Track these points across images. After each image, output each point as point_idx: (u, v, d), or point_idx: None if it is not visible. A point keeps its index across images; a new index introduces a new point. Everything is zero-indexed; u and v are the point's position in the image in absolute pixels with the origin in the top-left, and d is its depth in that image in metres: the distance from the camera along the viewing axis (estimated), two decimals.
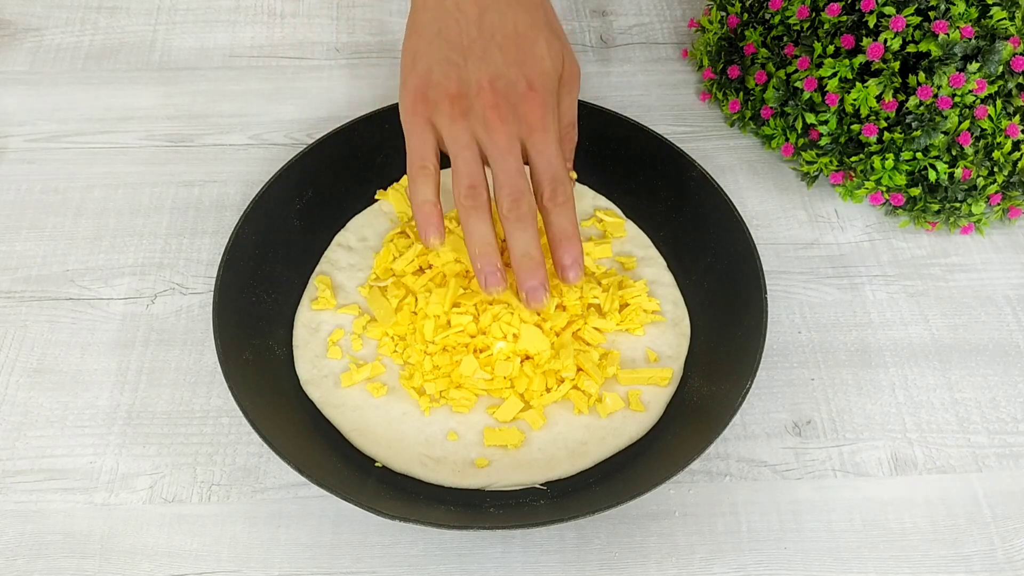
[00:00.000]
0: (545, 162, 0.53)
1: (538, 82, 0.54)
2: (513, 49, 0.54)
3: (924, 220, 0.69)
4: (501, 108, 0.53)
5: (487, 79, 0.53)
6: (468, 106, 0.53)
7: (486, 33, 0.54)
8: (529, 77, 0.54)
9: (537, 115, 0.53)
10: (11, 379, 0.61)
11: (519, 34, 0.55)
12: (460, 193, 0.53)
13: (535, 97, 0.53)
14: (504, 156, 0.53)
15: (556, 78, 0.55)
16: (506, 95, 0.53)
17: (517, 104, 0.53)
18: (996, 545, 0.55)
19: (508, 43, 0.54)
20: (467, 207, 0.53)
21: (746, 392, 0.53)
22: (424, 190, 0.53)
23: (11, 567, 0.53)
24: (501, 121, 0.53)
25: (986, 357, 0.63)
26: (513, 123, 0.53)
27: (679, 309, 0.63)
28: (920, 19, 0.64)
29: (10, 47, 0.81)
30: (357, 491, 0.52)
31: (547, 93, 0.54)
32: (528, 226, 0.53)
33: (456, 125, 0.53)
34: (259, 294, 0.61)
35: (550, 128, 0.54)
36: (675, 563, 0.54)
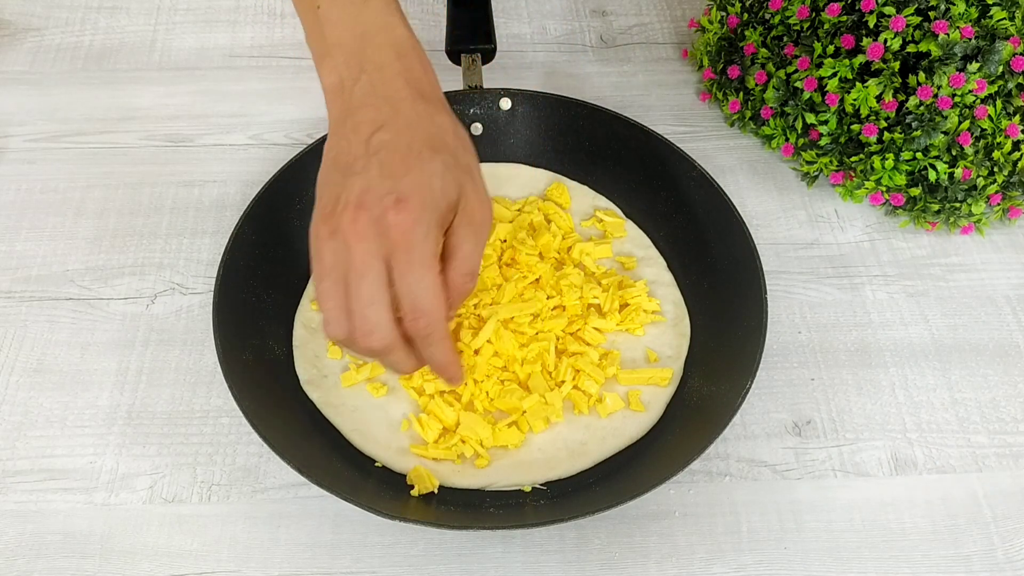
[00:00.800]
0: (404, 287, 0.47)
1: (411, 196, 0.47)
2: (396, 163, 0.48)
3: (924, 220, 0.69)
4: (360, 223, 0.46)
5: (357, 194, 0.47)
6: (335, 226, 0.47)
7: (371, 149, 0.49)
8: (401, 191, 0.47)
9: (400, 232, 0.46)
10: (11, 379, 0.61)
11: (409, 150, 0.49)
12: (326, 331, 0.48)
13: (401, 211, 0.46)
14: (359, 280, 0.46)
15: (443, 202, 0.48)
16: (370, 208, 0.46)
17: (379, 219, 0.46)
18: (996, 545, 0.55)
19: (393, 157, 0.48)
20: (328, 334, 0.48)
21: (746, 392, 0.53)
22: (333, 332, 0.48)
23: (11, 567, 0.53)
24: (360, 239, 0.46)
25: (986, 357, 0.63)
26: (374, 240, 0.46)
27: (679, 309, 0.63)
28: (920, 19, 0.64)
29: (10, 47, 0.81)
30: (357, 491, 0.52)
31: (421, 210, 0.47)
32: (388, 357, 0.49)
33: (325, 248, 0.47)
34: (259, 294, 0.61)
35: (415, 247, 0.46)
36: (675, 563, 0.54)
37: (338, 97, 0.51)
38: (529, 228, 0.65)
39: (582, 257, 0.64)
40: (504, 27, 0.84)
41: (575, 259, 0.64)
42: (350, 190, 0.48)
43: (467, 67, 0.70)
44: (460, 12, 0.74)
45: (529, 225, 0.65)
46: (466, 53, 0.71)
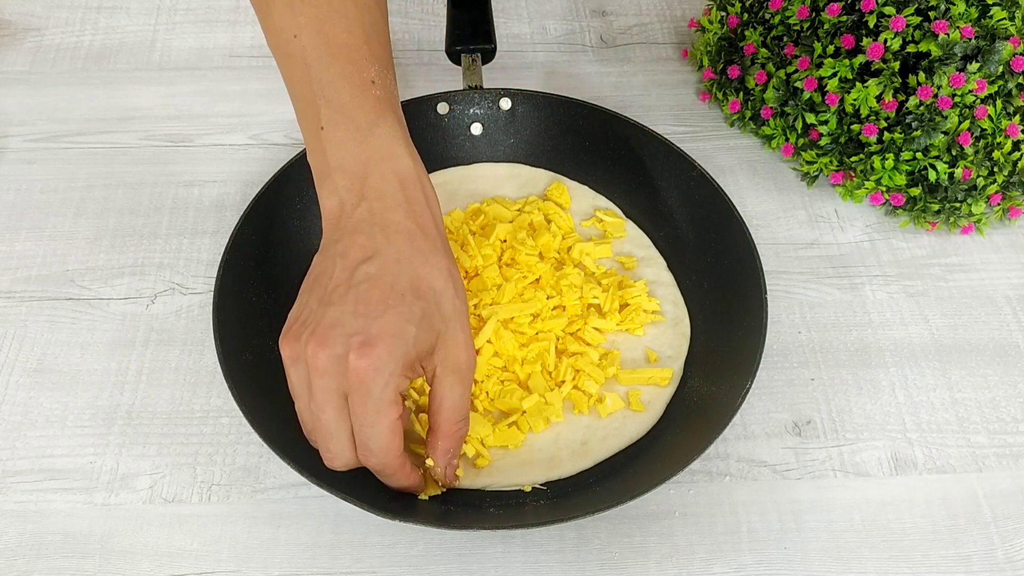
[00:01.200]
0: (358, 427, 0.48)
1: (380, 341, 0.46)
2: (374, 301, 0.47)
3: (924, 220, 0.69)
4: (322, 361, 0.46)
5: (324, 326, 0.47)
6: (298, 354, 0.47)
7: (354, 280, 0.48)
8: (371, 333, 0.46)
9: (359, 376, 0.46)
10: (11, 379, 0.61)
11: (392, 289, 0.48)
12: None
13: (365, 356, 0.46)
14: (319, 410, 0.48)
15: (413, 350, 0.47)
16: (332, 346, 0.46)
17: (341, 357, 0.46)
18: (996, 545, 0.55)
19: (372, 294, 0.48)
20: None
21: (746, 392, 0.53)
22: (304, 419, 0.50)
23: (11, 567, 0.53)
24: (321, 375, 0.47)
25: (986, 357, 0.63)
26: (335, 378, 0.47)
27: (679, 309, 0.63)
28: (920, 19, 0.64)
29: (10, 47, 0.81)
30: (357, 491, 0.52)
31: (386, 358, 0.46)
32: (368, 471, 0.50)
33: (291, 370, 0.48)
34: (259, 294, 0.61)
35: (371, 393, 0.46)
36: (675, 563, 0.54)
37: (335, 219, 0.51)
38: (529, 228, 0.65)
39: (582, 257, 0.64)
40: (504, 27, 0.84)
41: (575, 259, 0.64)
42: (321, 319, 0.47)
43: (467, 67, 0.70)
44: (460, 12, 0.74)
45: (529, 225, 0.65)
46: (466, 53, 0.71)
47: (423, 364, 0.49)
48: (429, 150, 0.69)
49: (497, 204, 0.67)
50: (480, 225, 0.65)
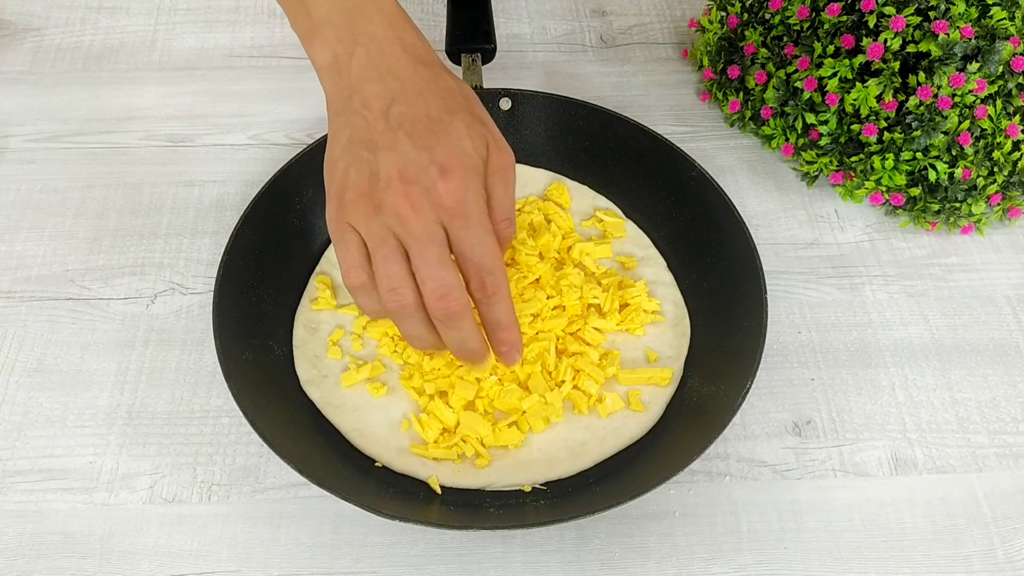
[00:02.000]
0: (468, 249, 0.49)
1: (453, 163, 0.48)
2: (424, 134, 0.49)
3: (924, 220, 0.69)
4: (413, 197, 0.47)
5: (397, 168, 0.48)
6: (379, 201, 0.48)
7: (393, 124, 0.49)
8: (441, 160, 0.48)
9: (454, 199, 0.48)
10: (11, 379, 0.61)
11: (431, 119, 0.50)
12: (382, 298, 0.49)
13: (450, 181, 0.48)
14: (424, 246, 0.48)
15: (478, 160, 0.50)
16: (417, 181, 0.48)
17: (429, 190, 0.48)
18: (996, 545, 0.55)
19: (418, 129, 0.49)
20: (392, 311, 0.49)
21: (746, 392, 0.53)
22: (366, 305, 0.50)
23: (11, 567, 0.53)
24: (415, 211, 0.47)
25: (986, 357, 0.63)
26: (429, 210, 0.48)
27: (679, 309, 0.63)
28: (920, 19, 0.64)
29: (10, 47, 0.81)
30: (357, 491, 0.52)
31: (463, 177, 0.48)
32: (460, 323, 0.49)
33: (371, 222, 0.48)
34: (259, 294, 0.61)
35: (471, 212, 0.48)
36: (675, 563, 0.54)
37: (335, 74, 0.51)
38: (529, 228, 0.65)
39: (582, 257, 0.64)
40: (504, 27, 0.84)
41: (575, 259, 0.64)
42: (386, 166, 0.48)
43: (467, 67, 0.70)
44: (460, 12, 0.74)
45: (529, 225, 0.65)
46: (466, 53, 0.71)
47: None
48: None
49: None
50: None
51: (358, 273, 0.49)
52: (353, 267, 0.49)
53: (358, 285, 0.49)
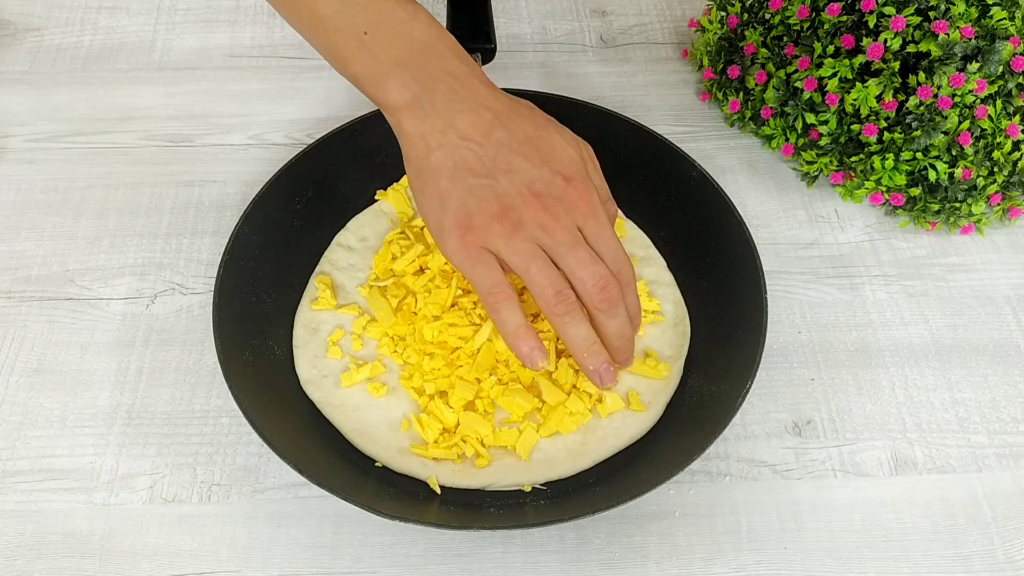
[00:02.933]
0: (603, 245, 0.53)
1: (572, 171, 0.53)
2: (533, 152, 0.53)
3: (924, 220, 0.69)
4: (551, 208, 0.51)
5: (525, 186, 0.52)
6: (518, 219, 0.51)
7: (503, 148, 0.52)
8: (562, 171, 0.52)
9: (584, 203, 0.52)
10: (11, 379, 0.61)
11: (532, 137, 0.53)
12: (549, 303, 0.51)
13: (576, 187, 0.52)
14: (573, 249, 0.51)
15: (583, 163, 0.54)
16: (549, 193, 0.52)
17: (562, 199, 0.52)
18: (996, 545, 0.55)
19: (526, 149, 0.53)
20: (561, 314, 0.51)
21: (746, 392, 0.53)
22: (512, 316, 0.51)
23: (11, 567, 0.53)
24: (556, 219, 0.51)
25: (986, 357, 0.63)
26: (566, 216, 0.52)
27: (679, 309, 0.63)
28: (920, 19, 0.64)
29: (10, 47, 0.81)
30: (357, 491, 0.52)
31: (584, 180, 0.53)
32: (620, 311, 0.52)
33: (514, 240, 0.51)
34: (259, 294, 0.61)
35: (599, 213, 0.53)
36: (675, 563, 0.54)
37: (418, 111, 0.52)
38: None
39: None
40: (504, 27, 0.84)
41: None
42: (514, 186, 0.51)
43: None
44: (460, 12, 0.74)
45: None
46: None
47: None
48: None
49: None
50: None
51: (503, 289, 0.51)
52: (495, 284, 0.51)
53: (502, 303, 0.51)
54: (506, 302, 0.51)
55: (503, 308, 0.51)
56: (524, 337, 0.51)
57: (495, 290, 0.51)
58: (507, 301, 0.51)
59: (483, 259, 0.51)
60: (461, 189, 0.51)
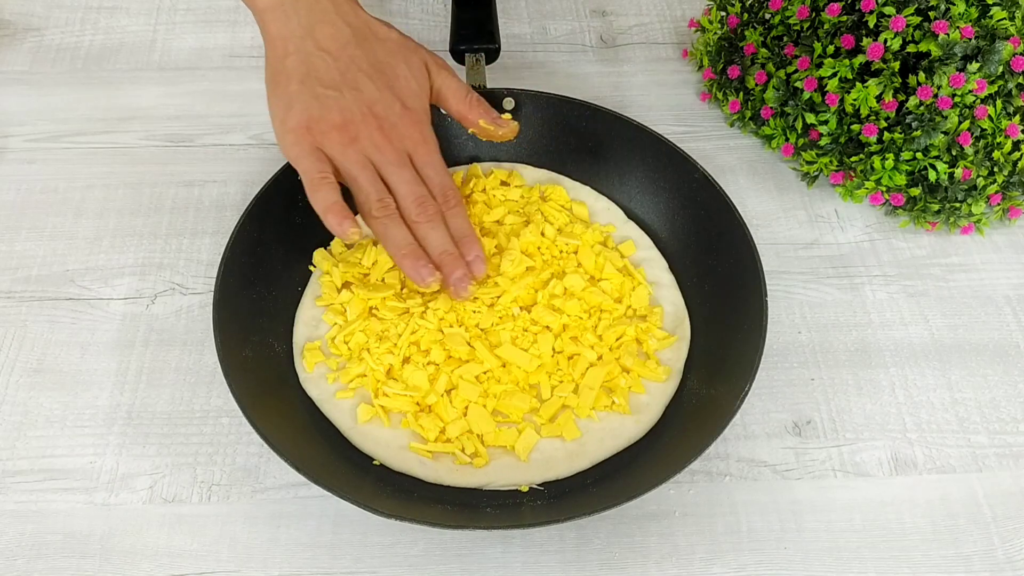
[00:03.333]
0: (432, 172, 0.59)
1: (411, 102, 0.59)
2: (380, 76, 0.59)
3: (924, 220, 0.69)
4: (385, 129, 0.58)
5: (367, 106, 0.57)
6: (356, 133, 0.57)
7: (353, 67, 0.58)
8: (402, 98, 0.59)
9: (417, 131, 0.59)
10: (11, 379, 0.61)
11: (382, 63, 0.59)
12: (372, 207, 0.57)
13: (412, 115, 0.59)
14: (400, 169, 0.57)
15: (423, 93, 0.60)
16: (387, 116, 0.58)
17: (397, 123, 0.58)
18: (996, 545, 0.55)
19: (374, 72, 0.59)
20: (382, 217, 0.57)
21: (745, 394, 0.53)
22: (329, 195, 0.55)
23: (11, 567, 0.53)
24: (388, 140, 0.57)
25: (986, 357, 0.63)
26: (399, 140, 0.58)
27: (679, 311, 0.63)
28: (920, 19, 0.64)
29: (10, 47, 0.81)
30: (354, 489, 0.52)
31: (421, 111, 0.60)
32: (438, 224, 0.58)
33: (349, 150, 0.57)
34: (259, 291, 0.61)
35: (430, 141, 0.59)
36: (675, 563, 0.54)
37: (281, 15, 0.58)
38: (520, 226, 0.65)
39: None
40: (504, 27, 0.84)
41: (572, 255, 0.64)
42: (356, 103, 0.57)
43: (471, 67, 0.70)
44: (464, 12, 0.74)
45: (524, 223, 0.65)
46: (470, 52, 0.71)
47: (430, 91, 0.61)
48: None
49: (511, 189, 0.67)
50: None
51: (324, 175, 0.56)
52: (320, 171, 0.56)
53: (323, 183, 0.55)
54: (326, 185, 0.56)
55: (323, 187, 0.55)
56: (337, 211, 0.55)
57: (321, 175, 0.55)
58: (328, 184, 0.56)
59: (315, 154, 0.56)
60: (308, 96, 0.57)
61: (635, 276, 0.63)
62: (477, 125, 0.63)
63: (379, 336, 0.60)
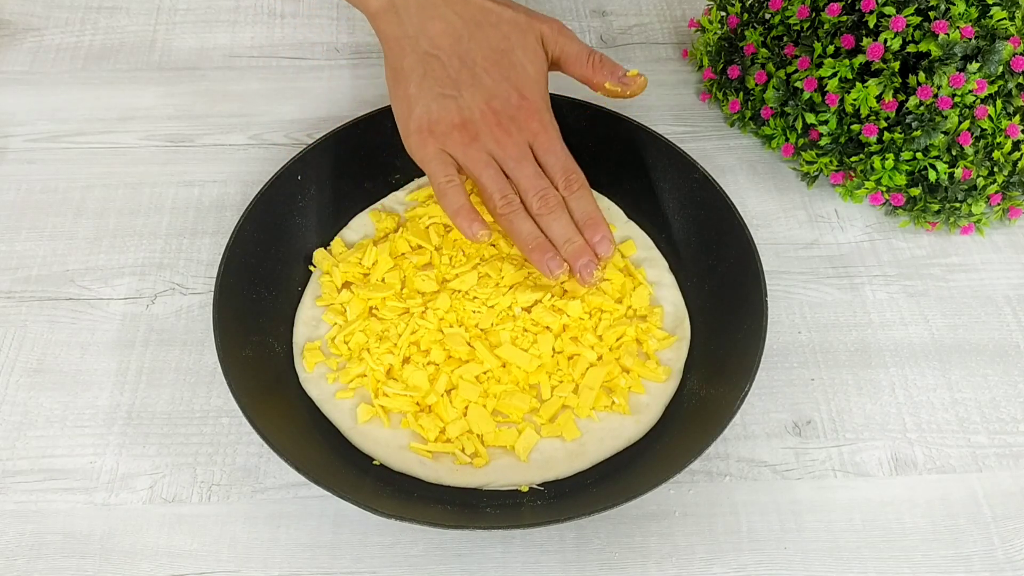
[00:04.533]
0: (554, 158, 0.59)
1: (528, 90, 0.59)
2: (496, 68, 0.59)
3: (924, 220, 0.69)
4: (504, 124, 0.58)
5: (484, 102, 0.58)
6: (476, 131, 0.57)
7: (468, 61, 0.58)
8: (519, 88, 0.59)
9: (536, 120, 0.59)
10: (11, 379, 0.61)
11: (497, 51, 0.59)
12: (496, 204, 0.57)
13: (530, 104, 0.59)
14: (520, 163, 0.58)
15: (541, 77, 0.60)
16: (505, 110, 0.58)
17: (515, 115, 0.58)
18: (996, 545, 0.55)
19: (490, 64, 0.59)
20: (507, 214, 0.57)
21: (745, 393, 0.53)
22: (457, 198, 0.57)
23: (11, 567, 0.53)
24: (508, 135, 0.58)
25: (986, 357, 0.63)
26: (518, 133, 0.58)
27: (679, 311, 0.63)
28: (920, 19, 0.64)
29: (10, 47, 0.81)
30: (355, 490, 0.52)
31: (538, 98, 0.59)
32: (561, 215, 0.57)
33: (471, 149, 0.57)
34: (259, 291, 0.61)
35: (550, 127, 0.59)
36: (675, 563, 0.54)
37: (393, 16, 0.59)
38: None
39: None
40: None
41: None
42: (475, 100, 0.58)
43: None
44: None
45: None
46: None
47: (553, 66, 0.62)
48: None
49: None
50: None
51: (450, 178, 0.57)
52: (446, 175, 0.57)
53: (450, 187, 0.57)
54: (454, 188, 0.57)
55: (450, 193, 0.56)
56: (465, 214, 0.56)
57: (447, 178, 0.57)
58: (455, 187, 0.57)
59: (440, 157, 0.57)
60: (427, 97, 0.58)
61: (635, 276, 0.63)
62: (603, 88, 0.61)
63: (379, 336, 0.60)
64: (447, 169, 0.57)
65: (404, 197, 0.68)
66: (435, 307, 0.60)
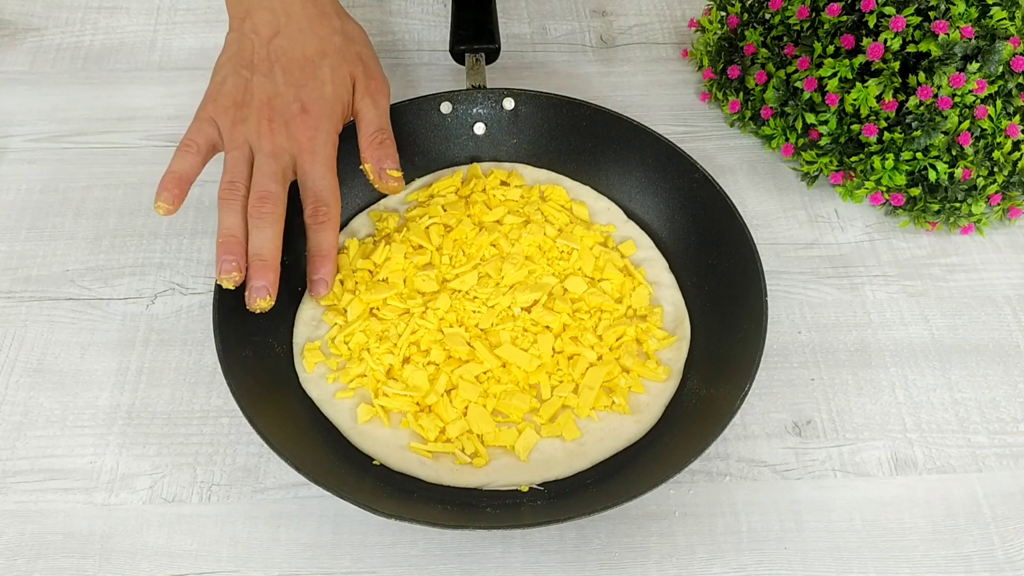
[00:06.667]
0: (310, 181, 0.59)
1: (313, 106, 0.60)
2: (295, 72, 0.60)
3: (924, 220, 0.69)
4: (275, 123, 0.59)
5: (267, 95, 0.59)
6: (247, 116, 0.59)
7: (273, 55, 0.60)
8: (304, 100, 0.60)
9: (306, 136, 0.59)
10: (11, 379, 0.61)
11: (305, 59, 0.61)
12: (222, 186, 0.58)
13: (307, 119, 0.59)
14: (266, 160, 0.58)
15: (337, 103, 0.61)
16: (281, 112, 0.59)
17: (289, 121, 0.59)
18: (996, 545, 0.55)
19: (292, 66, 0.60)
20: (225, 199, 0.57)
21: (745, 394, 0.53)
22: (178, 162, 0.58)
23: (11, 567, 0.53)
24: (272, 133, 0.59)
25: (986, 357, 0.63)
26: (283, 138, 0.59)
27: (679, 311, 0.63)
28: (920, 19, 0.64)
29: (10, 47, 0.81)
30: (355, 490, 0.52)
31: (320, 117, 0.60)
32: (266, 226, 0.56)
33: (236, 128, 0.59)
34: None
35: (318, 150, 0.59)
36: (675, 563, 0.54)
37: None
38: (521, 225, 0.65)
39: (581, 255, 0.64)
40: (504, 27, 0.84)
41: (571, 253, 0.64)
42: (260, 89, 0.60)
43: (471, 67, 0.70)
44: (464, 11, 0.74)
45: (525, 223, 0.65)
46: (470, 52, 0.71)
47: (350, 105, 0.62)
48: (432, 149, 0.69)
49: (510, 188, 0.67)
50: None
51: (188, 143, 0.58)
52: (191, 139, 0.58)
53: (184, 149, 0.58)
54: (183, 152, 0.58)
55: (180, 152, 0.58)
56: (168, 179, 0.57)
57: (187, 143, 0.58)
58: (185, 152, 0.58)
59: (204, 124, 0.59)
60: (228, 70, 0.61)
61: (635, 276, 0.63)
62: (364, 166, 0.62)
63: (379, 336, 0.60)
64: (199, 135, 0.58)
65: (404, 197, 0.68)
66: (435, 307, 0.60)
